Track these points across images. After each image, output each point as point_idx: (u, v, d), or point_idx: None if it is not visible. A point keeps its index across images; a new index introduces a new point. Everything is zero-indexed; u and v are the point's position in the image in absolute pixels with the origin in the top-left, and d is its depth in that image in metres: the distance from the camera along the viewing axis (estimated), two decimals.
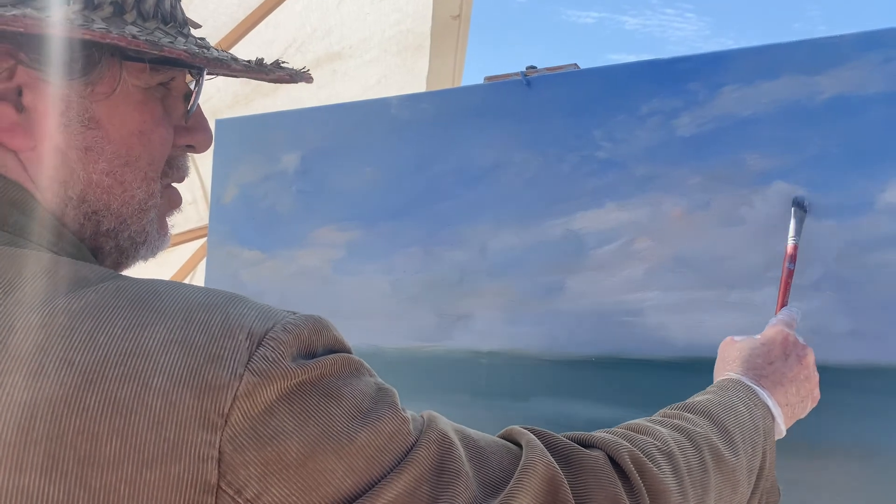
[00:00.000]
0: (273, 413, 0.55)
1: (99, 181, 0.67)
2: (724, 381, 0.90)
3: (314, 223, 1.47)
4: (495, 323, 1.26)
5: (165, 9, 0.69)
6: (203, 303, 0.58)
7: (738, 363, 0.92)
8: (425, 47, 3.17)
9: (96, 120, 0.67)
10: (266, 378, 0.55)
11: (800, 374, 0.92)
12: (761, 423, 0.84)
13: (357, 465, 0.57)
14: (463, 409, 1.26)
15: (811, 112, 1.06)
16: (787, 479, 1.02)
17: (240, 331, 0.56)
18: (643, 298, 1.13)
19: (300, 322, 0.59)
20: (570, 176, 1.21)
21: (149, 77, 0.69)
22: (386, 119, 1.41)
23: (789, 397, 0.90)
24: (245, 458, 0.54)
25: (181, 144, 0.74)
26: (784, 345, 0.93)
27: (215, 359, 0.54)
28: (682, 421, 0.79)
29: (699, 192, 1.12)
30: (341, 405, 0.58)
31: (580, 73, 1.25)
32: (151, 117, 0.70)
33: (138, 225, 0.71)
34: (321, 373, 0.58)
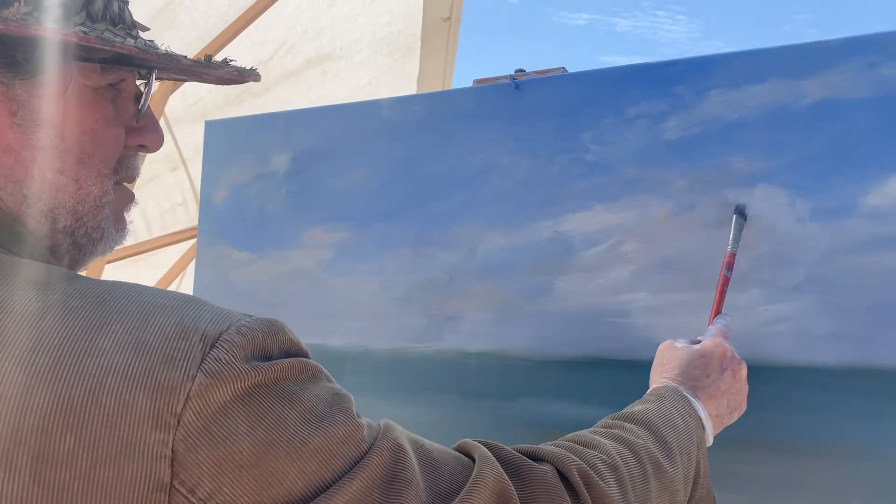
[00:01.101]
0: (227, 414, 0.56)
1: (54, 179, 0.68)
2: (662, 390, 0.93)
3: (304, 224, 1.47)
4: (484, 324, 1.26)
5: (114, 11, 0.70)
6: (159, 305, 0.59)
7: (677, 371, 0.95)
8: (416, 49, 3.18)
9: (48, 120, 0.67)
10: (218, 379, 0.56)
11: (732, 387, 0.96)
12: (695, 435, 0.88)
13: (309, 469, 0.58)
14: (451, 410, 1.26)
15: (796, 116, 1.07)
16: (765, 478, 1.04)
17: (194, 333, 0.57)
18: (630, 300, 1.14)
19: (254, 325, 0.60)
20: (559, 178, 1.22)
21: (99, 77, 0.70)
22: (376, 121, 1.41)
23: (720, 409, 0.94)
24: (198, 458, 0.55)
25: (133, 145, 0.75)
26: (722, 359, 0.97)
27: (169, 360, 0.55)
28: (624, 432, 0.82)
29: (686, 195, 1.13)
30: (295, 409, 0.59)
31: (568, 77, 1.26)
32: (103, 116, 0.71)
33: (94, 222, 0.72)
34: (276, 376, 0.59)
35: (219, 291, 1.56)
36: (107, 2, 0.69)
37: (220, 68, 0.76)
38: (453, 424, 1.27)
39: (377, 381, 1.36)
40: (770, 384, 1.05)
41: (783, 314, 1.05)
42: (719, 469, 1.06)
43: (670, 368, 0.96)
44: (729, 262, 1.06)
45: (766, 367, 1.05)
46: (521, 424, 1.20)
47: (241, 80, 0.80)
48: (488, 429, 1.23)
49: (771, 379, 1.05)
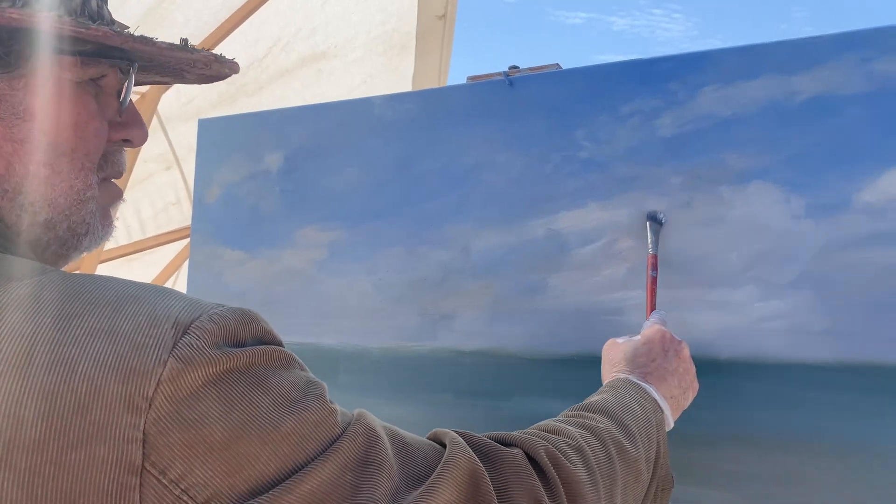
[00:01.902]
0: (199, 398, 0.57)
1: (36, 172, 0.68)
2: (614, 382, 0.95)
3: (298, 223, 1.47)
4: (478, 322, 1.26)
5: (92, 8, 0.70)
6: (132, 294, 0.60)
7: (624, 363, 0.98)
8: (410, 47, 3.17)
9: (30, 112, 0.67)
10: (190, 364, 0.57)
11: (679, 367, 0.99)
12: (653, 417, 0.91)
13: (281, 451, 0.59)
14: (446, 409, 1.26)
15: (790, 112, 1.07)
16: (761, 474, 1.03)
17: (166, 320, 0.58)
18: (625, 297, 1.14)
19: (227, 313, 0.61)
20: (552, 176, 1.21)
21: (80, 71, 0.70)
22: (370, 119, 1.41)
23: (673, 390, 0.97)
24: (169, 440, 0.56)
25: (117, 139, 0.75)
26: (662, 342, 1.00)
27: (141, 347, 0.56)
28: (586, 419, 0.85)
29: (680, 192, 1.12)
30: (269, 393, 0.60)
31: (562, 73, 1.25)
32: (85, 110, 0.71)
33: (78, 216, 0.71)
34: (249, 361, 0.60)
35: (212, 291, 1.56)
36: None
37: (195, 52, 0.75)
38: (448, 423, 1.25)
39: (372, 381, 1.35)
40: (765, 381, 1.04)
41: (778, 311, 1.05)
42: (713, 467, 1.06)
43: (617, 362, 0.99)
44: (652, 263, 1.11)
45: (761, 364, 1.05)
46: (515, 423, 1.19)
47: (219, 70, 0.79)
48: (483, 427, 1.22)
49: (765, 376, 1.05)
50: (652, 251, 1.11)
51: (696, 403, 1.07)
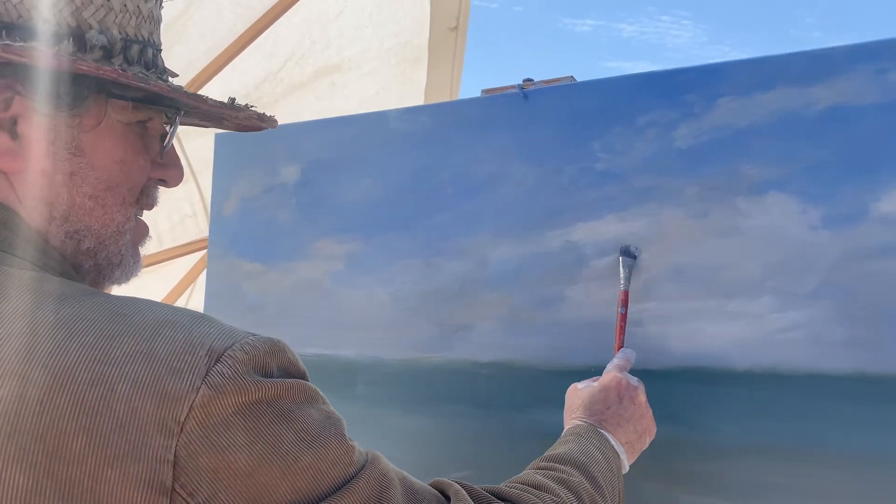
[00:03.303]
0: (228, 426, 0.61)
1: (82, 203, 0.74)
2: (575, 429, 1.00)
3: (314, 235, 1.48)
4: (495, 334, 1.26)
5: (148, 57, 0.77)
6: (170, 320, 0.64)
7: (582, 410, 1.03)
8: (423, 59, 3.19)
9: (82, 149, 0.74)
10: (221, 392, 0.60)
11: (634, 413, 1.03)
12: (614, 465, 0.96)
13: (298, 484, 0.63)
14: (462, 421, 1.26)
15: (806, 123, 1.07)
16: (780, 486, 1.03)
17: (200, 347, 0.62)
18: (642, 309, 1.14)
19: (258, 343, 0.65)
20: (569, 188, 1.22)
21: (130, 114, 0.76)
22: (385, 132, 1.42)
23: (629, 435, 1.01)
24: (197, 464, 0.59)
25: (155, 177, 0.82)
26: (618, 388, 1.04)
27: (176, 371, 0.60)
28: (561, 473, 0.89)
29: (697, 203, 1.12)
30: (292, 427, 0.64)
31: (577, 86, 1.26)
32: (132, 149, 0.77)
33: (115, 247, 0.77)
34: (276, 394, 0.64)
35: (230, 303, 1.57)
36: (142, 48, 0.76)
37: (241, 111, 0.82)
38: (464, 435, 1.27)
39: (388, 392, 1.36)
40: (783, 392, 1.04)
41: (796, 322, 1.04)
42: (731, 479, 1.06)
43: (576, 409, 1.04)
44: (623, 300, 1.13)
45: (779, 375, 1.05)
46: (531, 435, 1.20)
47: (258, 126, 0.87)
48: (499, 439, 1.23)
49: (784, 387, 1.04)
50: (623, 287, 1.13)
51: (713, 414, 1.07)
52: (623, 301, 1.13)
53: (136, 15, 0.76)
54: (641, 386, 1.06)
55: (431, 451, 1.29)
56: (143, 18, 0.77)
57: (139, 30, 0.76)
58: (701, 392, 1.09)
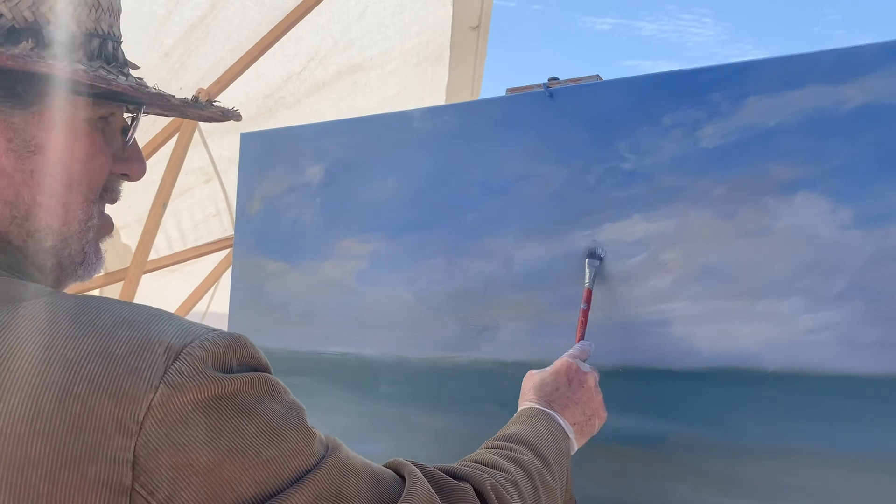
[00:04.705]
0: (188, 423, 0.60)
1: (43, 202, 0.73)
2: (526, 411, 1.03)
3: (338, 234, 1.48)
4: (521, 333, 1.26)
5: (108, 50, 0.76)
6: (127, 318, 0.64)
7: (533, 393, 1.06)
8: (445, 58, 3.19)
9: (42, 147, 0.73)
10: (180, 390, 0.60)
11: (583, 396, 1.06)
12: (563, 445, 0.99)
13: (260, 477, 0.63)
14: (489, 420, 1.26)
15: (837, 121, 1.06)
16: (808, 489, 1.02)
17: (159, 345, 0.61)
18: (670, 309, 1.13)
19: (217, 339, 0.64)
20: (595, 188, 1.21)
21: (91, 110, 0.76)
22: (409, 131, 1.42)
23: (576, 416, 1.04)
24: (158, 463, 0.59)
25: (117, 172, 0.81)
26: (567, 372, 1.07)
27: (134, 371, 0.60)
28: (513, 452, 0.91)
29: (725, 203, 1.12)
30: (253, 421, 0.64)
31: (603, 85, 1.25)
32: (92, 145, 0.76)
33: (78, 245, 0.77)
34: (236, 388, 0.64)
35: (254, 302, 1.58)
36: (102, 42, 0.75)
37: (204, 108, 0.82)
38: (490, 435, 1.26)
39: (412, 391, 1.36)
40: (813, 394, 1.03)
41: (826, 322, 1.03)
42: (760, 480, 1.05)
43: (528, 392, 1.07)
44: (586, 297, 1.18)
45: (809, 377, 1.04)
46: None
47: (223, 119, 0.87)
48: None
49: (814, 388, 1.03)
50: (588, 286, 1.18)
51: (742, 415, 1.07)
52: (586, 298, 1.17)
53: (96, 8, 0.75)
54: (594, 372, 1.09)
55: (456, 450, 1.29)
56: (102, 11, 0.76)
57: (99, 23, 0.75)
58: (729, 393, 1.08)
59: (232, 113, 0.87)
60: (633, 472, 1.15)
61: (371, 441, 1.39)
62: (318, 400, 1.45)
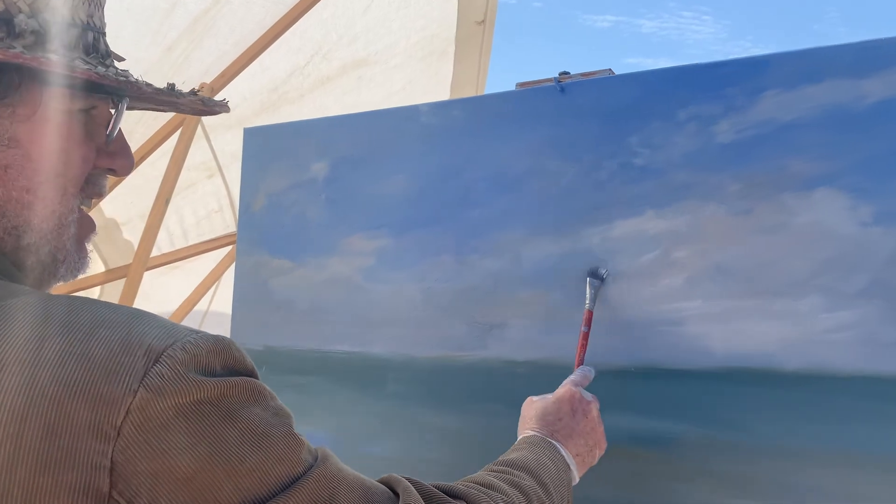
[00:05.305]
0: (168, 428, 0.58)
1: (19, 197, 0.70)
2: (529, 438, 1.01)
3: (344, 231, 1.46)
4: (531, 332, 1.24)
5: (87, 41, 0.73)
6: (107, 319, 0.61)
7: (535, 421, 1.04)
8: (450, 53, 3.17)
9: (17, 140, 0.70)
10: (159, 394, 0.58)
11: (586, 427, 1.04)
12: (564, 476, 0.96)
13: (244, 485, 0.61)
14: (499, 419, 1.24)
15: (857, 116, 1.03)
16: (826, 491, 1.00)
17: (139, 347, 0.59)
18: (683, 307, 1.11)
19: (200, 342, 0.62)
20: (607, 183, 1.19)
21: (70, 102, 0.72)
22: (416, 126, 1.39)
23: (579, 448, 1.02)
24: (136, 469, 0.56)
25: (102, 167, 0.78)
26: (571, 402, 1.05)
27: (112, 373, 0.57)
28: (514, 477, 0.89)
29: (740, 199, 1.09)
30: (236, 426, 0.61)
31: (615, 79, 1.23)
32: (72, 138, 0.73)
33: (58, 242, 0.73)
34: (219, 393, 0.61)
35: (258, 299, 1.55)
36: (82, 32, 0.73)
37: (182, 97, 0.79)
38: (499, 435, 1.24)
39: (420, 391, 1.34)
40: (832, 394, 1.01)
41: (846, 322, 1.01)
42: (778, 482, 1.03)
43: (530, 420, 1.05)
44: (586, 319, 1.14)
45: (828, 377, 1.02)
46: None
47: (208, 111, 0.84)
48: None
49: (833, 389, 1.01)
50: (588, 307, 1.14)
51: (757, 416, 1.04)
52: (587, 321, 1.14)
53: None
54: (595, 401, 1.07)
55: (465, 451, 1.27)
56: (81, 0, 0.72)
57: (77, 12, 0.72)
58: (745, 393, 1.06)
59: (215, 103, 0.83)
60: (645, 473, 1.13)
61: (377, 441, 1.37)
62: (323, 399, 1.43)
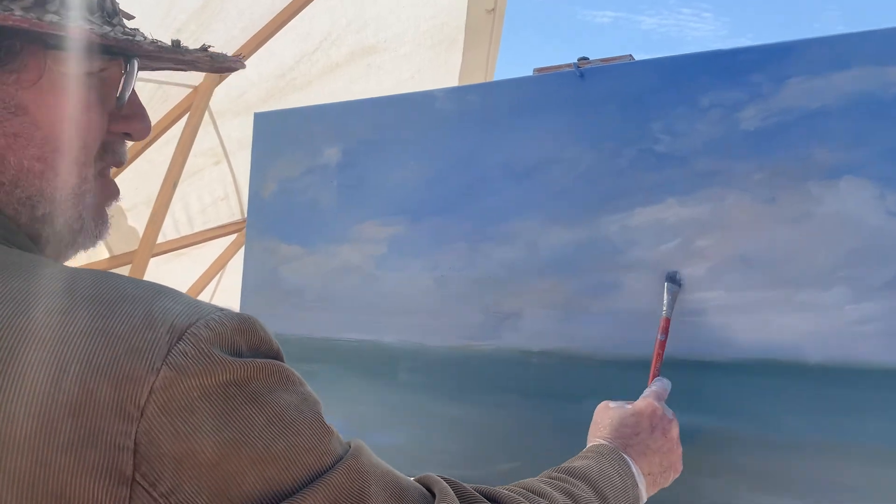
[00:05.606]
0: (193, 410, 0.55)
1: (30, 167, 0.68)
2: (598, 447, 0.96)
3: (356, 218, 1.44)
4: (547, 322, 1.22)
5: (92, 1, 0.70)
6: (129, 294, 0.59)
7: (609, 430, 0.99)
8: (459, 41, 3.14)
9: (23, 107, 0.67)
10: (183, 373, 0.55)
11: (663, 446, 0.98)
12: (630, 492, 0.91)
13: (268, 474, 0.58)
14: (512, 411, 1.22)
15: (886, 103, 1.01)
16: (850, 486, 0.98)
17: (162, 324, 0.57)
18: (705, 298, 1.09)
19: (225, 319, 0.59)
20: (627, 171, 1.17)
21: (76, 65, 0.69)
22: (431, 112, 1.37)
23: (652, 467, 0.96)
24: (160, 452, 0.54)
25: (118, 132, 0.75)
26: (651, 417, 0.99)
27: (134, 351, 0.55)
28: (569, 486, 0.84)
29: (764, 188, 1.07)
30: (264, 412, 0.59)
31: (636, 65, 1.21)
32: (81, 103, 0.70)
33: (74, 211, 0.71)
34: (246, 375, 0.59)
35: (268, 286, 1.54)
36: None
37: (188, 53, 0.74)
38: (513, 425, 1.23)
39: (433, 380, 1.32)
40: (857, 387, 0.99)
41: (872, 313, 0.99)
42: (801, 476, 1.01)
43: (603, 428, 1.00)
44: (663, 326, 1.08)
45: (853, 370, 1.00)
46: (585, 427, 1.15)
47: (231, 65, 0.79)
48: (551, 431, 1.19)
49: (858, 382, 0.99)
50: (666, 314, 1.09)
51: (783, 408, 1.03)
52: (664, 328, 1.08)
53: None
54: (676, 421, 1.02)
55: (478, 441, 1.26)
56: None
57: None
58: (768, 385, 1.04)
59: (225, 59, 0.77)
60: None
61: (387, 431, 1.35)
62: (334, 388, 1.41)
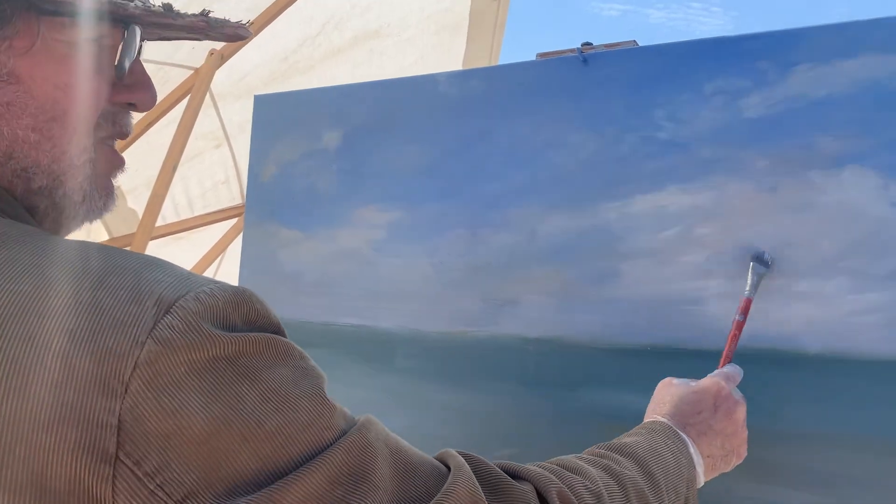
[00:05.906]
0: (181, 386, 0.53)
1: (25, 137, 0.65)
2: (653, 424, 0.90)
3: (355, 203, 1.43)
4: (545, 309, 1.21)
5: None
6: (118, 265, 0.57)
7: (669, 407, 0.93)
8: (463, 27, 3.12)
9: (16, 75, 0.65)
10: (170, 348, 0.53)
11: (727, 427, 0.92)
12: (685, 471, 0.85)
13: (263, 451, 0.54)
14: (510, 398, 1.22)
15: (891, 93, 1.00)
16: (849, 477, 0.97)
17: (148, 297, 0.54)
18: (705, 286, 1.08)
19: (216, 292, 0.57)
20: (629, 157, 1.16)
21: (71, 32, 0.67)
22: (432, 96, 1.36)
23: (713, 449, 0.90)
24: (145, 429, 0.52)
25: (121, 101, 0.72)
26: (716, 397, 0.93)
27: (119, 324, 0.53)
28: (611, 462, 0.79)
29: (767, 176, 1.06)
30: (256, 387, 0.56)
31: (640, 51, 1.19)
32: (78, 71, 0.68)
33: (74, 182, 0.68)
34: (238, 349, 0.56)
35: (266, 270, 1.53)
36: None
37: (179, 17, 0.71)
38: (510, 413, 1.22)
39: (430, 366, 1.32)
40: (858, 378, 0.98)
41: (874, 304, 0.98)
42: (801, 467, 1.01)
43: (662, 404, 0.94)
44: (744, 307, 1.03)
45: (854, 360, 0.99)
46: (583, 415, 1.15)
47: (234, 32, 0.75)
48: (549, 419, 1.18)
49: (859, 373, 0.98)
50: (749, 294, 1.03)
51: (782, 399, 1.02)
52: (743, 309, 1.02)
53: None
54: (743, 404, 0.95)
55: (475, 427, 1.25)
56: None
57: None
58: (767, 376, 1.03)
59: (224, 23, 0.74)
60: None
61: (384, 416, 1.33)
62: (330, 373, 1.40)
